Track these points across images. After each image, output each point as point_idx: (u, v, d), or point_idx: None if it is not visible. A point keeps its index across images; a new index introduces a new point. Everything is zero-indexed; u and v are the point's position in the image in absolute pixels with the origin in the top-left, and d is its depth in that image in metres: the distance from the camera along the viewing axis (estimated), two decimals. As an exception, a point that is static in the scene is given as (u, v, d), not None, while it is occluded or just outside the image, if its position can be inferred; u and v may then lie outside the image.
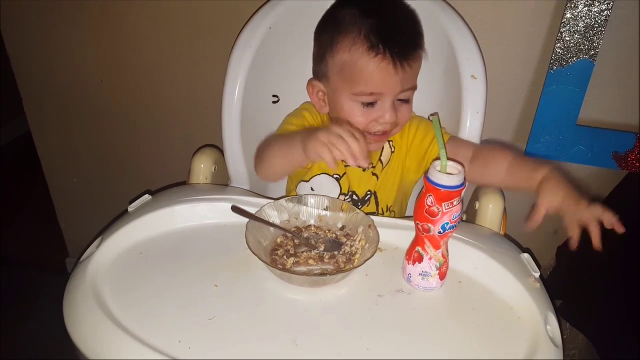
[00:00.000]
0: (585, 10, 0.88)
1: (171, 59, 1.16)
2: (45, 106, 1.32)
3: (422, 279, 0.63)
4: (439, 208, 0.59)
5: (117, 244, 0.67)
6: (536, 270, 0.66)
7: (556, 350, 0.56)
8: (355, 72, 0.73)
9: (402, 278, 0.65)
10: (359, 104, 0.75)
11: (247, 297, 0.60)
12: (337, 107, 0.79)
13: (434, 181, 0.59)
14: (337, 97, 0.78)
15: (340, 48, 0.74)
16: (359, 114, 0.76)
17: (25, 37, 1.23)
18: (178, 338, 0.54)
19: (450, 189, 0.58)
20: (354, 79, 0.73)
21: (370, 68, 0.72)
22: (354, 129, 0.64)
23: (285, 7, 0.87)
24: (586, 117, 0.98)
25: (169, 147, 1.28)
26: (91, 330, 0.55)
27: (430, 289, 0.63)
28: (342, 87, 0.76)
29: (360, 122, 0.76)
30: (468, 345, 0.56)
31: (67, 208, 1.49)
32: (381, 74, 0.72)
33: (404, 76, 0.72)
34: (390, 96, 0.74)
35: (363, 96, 0.74)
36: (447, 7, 0.85)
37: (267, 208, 0.71)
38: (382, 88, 0.73)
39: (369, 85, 0.73)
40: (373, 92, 0.73)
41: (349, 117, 0.76)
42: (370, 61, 0.71)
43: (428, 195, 0.59)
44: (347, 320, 0.58)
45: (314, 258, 0.66)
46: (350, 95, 0.75)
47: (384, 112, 0.75)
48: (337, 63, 0.75)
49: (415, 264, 0.63)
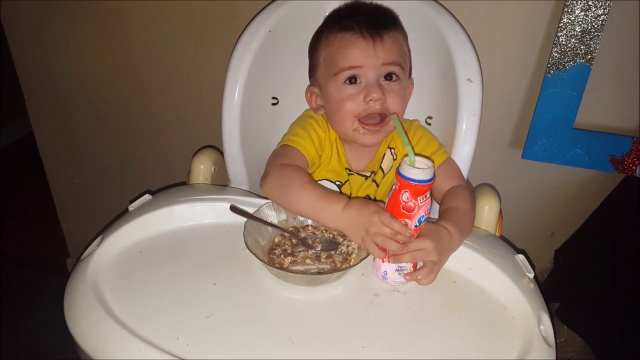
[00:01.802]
0: (582, 14, 0.89)
1: (172, 61, 1.17)
2: (48, 107, 1.33)
3: (399, 274, 0.64)
4: (415, 202, 0.61)
5: (118, 242, 0.68)
6: (530, 271, 0.67)
7: (549, 349, 0.57)
8: (334, 54, 0.78)
9: (376, 276, 0.66)
10: (342, 83, 0.78)
11: (245, 295, 0.61)
12: (327, 99, 0.81)
13: (408, 177, 0.60)
14: (325, 90, 0.80)
15: (321, 46, 0.81)
16: (346, 94, 0.77)
17: (28, 38, 1.24)
18: (176, 335, 0.55)
19: (423, 183, 0.60)
20: (333, 61, 0.78)
21: (344, 45, 0.77)
22: (403, 229, 0.63)
23: (284, 10, 0.88)
24: (583, 120, 0.99)
25: (169, 147, 1.29)
26: (91, 327, 0.56)
27: (406, 283, 0.65)
28: (326, 75, 0.80)
29: (350, 105, 0.77)
30: (462, 344, 0.57)
31: (68, 208, 1.50)
32: (355, 47, 0.76)
33: (379, 47, 0.76)
34: (371, 69, 0.76)
35: (343, 72, 0.77)
36: (444, 11, 0.86)
37: (265, 208, 0.72)
38: (359, 60, 0.76)
39: (346, 60, 0.77)
40: (351, 66, 0.77)
41: (338, 102, 0.78)
42: (343, 38, 0.77)
43: (403, 191, 0.61)
44: (342, 319, 0.59)
45: (311, 257, 0.67)
46: (333, 77, 0.78)
47: (369, 88, 0.76)
48: (321, 59, 0.81)
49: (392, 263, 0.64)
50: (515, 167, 1.09)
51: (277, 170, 0.76)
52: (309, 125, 0.84)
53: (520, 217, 1.14)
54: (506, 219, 0.91)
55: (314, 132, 0.83)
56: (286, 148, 0.81)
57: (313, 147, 0.82)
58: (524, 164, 1.06)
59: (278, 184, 0.74)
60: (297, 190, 0.72)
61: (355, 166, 0.86)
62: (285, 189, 0.73)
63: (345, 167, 0.85)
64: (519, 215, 1.14)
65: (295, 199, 0.72)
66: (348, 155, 0.85)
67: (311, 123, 0.84)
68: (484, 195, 0.84)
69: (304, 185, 0.72)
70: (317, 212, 0.70)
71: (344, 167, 0.85)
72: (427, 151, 0.81)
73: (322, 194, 0.70)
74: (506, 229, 0.90)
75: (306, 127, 0.84)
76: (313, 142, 0.82)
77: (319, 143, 0.83)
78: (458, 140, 0.83)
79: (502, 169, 1.10)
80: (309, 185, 0.72)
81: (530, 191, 1.12)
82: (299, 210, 0.73)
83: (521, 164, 1.07)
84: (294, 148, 0.81)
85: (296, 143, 0.81)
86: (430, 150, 0.82)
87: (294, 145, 0.81)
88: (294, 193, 0.72)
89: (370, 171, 0.85)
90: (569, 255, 1.09)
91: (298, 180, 0.73)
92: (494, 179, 1.05)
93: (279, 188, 0.74)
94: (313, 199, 0.70)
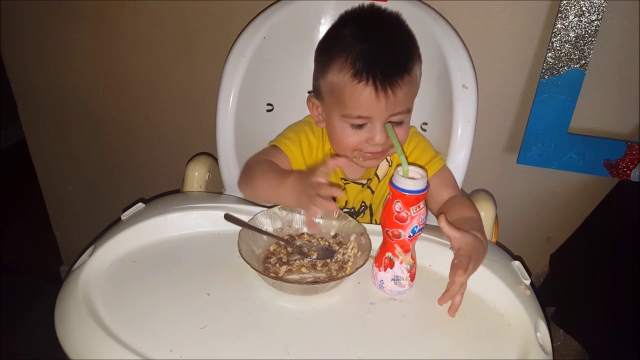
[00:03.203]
0: (576, 20, 0.89)
1: (166, 67, 1.17)
2: (40, 113, 1.32)
3: (395, 284, 0.64)
4: (407, 213, 0.60)
5: (110, 252, 0.67)
6: (527, 278, 0.66)
7: (546, 357, 0.56)
8: (343, 95, 0.73)
9: (373, 285, 0.66)
10: (348, 125, 0.75)
11: (239, 305, 0.60)
12: (330, 126, 0.79)
13: (400, 187, 0.60)
14: (329, 116, 0.78)
15: (330, 71, 0.74)
16: (350, 134, 0.76)
17: (20, 43, 1.23)
18: (170, 347, 0.54)
19: (416, 193, 0.60)
20: (342, 101, 0.74)
21: (355, 94, 0.72)
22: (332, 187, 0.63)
23: (279, 16, 0.88)
24: (577, 125, 0.99)
25: (163, 155, 1.28)
26: (82, 339, 0.55)
27: (402, 292, 0.64)
28: (332, 107, 0.76)
29: (352, 143, 0.76)
30: (459, 352, 0.56)
31: (62, 215, 1.49)
32: (366, 100, 0.72)
33: (391, 101, 0.72)
34: (379, 119, 0.74)
35: (351, 119, 0.74)
36: (439, 17, 0.86)
37: (260, 216, 0.72)
38: (368, 112, 0.73)
39: (356, 109, 0.73)
40: (360, 116, 0.74)
41: (341, 137, 0.77)
42: (355, 87, 0.72)
43: (395, 201, 0.61)
44: (339, 328, 0.58)
45: (307, 266, 0.67)
46: (340, 116, 0.75)
47: (373, 133, 0.74)
48: (327, 84, 0.76)
49: (386, 269, 0.64)
50: (511, 172, 1.09)
51: (248, 167, 0.77)
52: (302, 132, 0.84)
53: (516, 221, 1.14)
54: (502, 224, 0.91)
55: (306, 139, 0.83)
56: (272, 148, 0.81)
57: (300, 153, 0.82)
58: (519, 169, 1.07)
59: (246, 178, 0.75)
60: (258, 179, 0.73)
61: (351, 176, 0.85)
62: (251, 181, 0.74)
63: (341, 177, 0.85)
64: (515, 220, 1.14)
65: (258, 187, 0.73)
66: (343, 167, 0.85)
67: (306, 130, 0.84)
68: (480, 201, 0.84)
69: (265, 172, 0.73)
70: (277, 195, 0.71)
71: (339, 177, 0.85)
72: (422, 159, 0.81)
73: (277, 176, 0.71)
74: (502, 233, 0.90)
75: (299, 132, 0.84)
76: (302, 148, 0.82)
77: (309, 150, 0.83)
78: (453, 146, 0.83)
79: (497, 174, 1.10)
80: (268, 171, 0.73)
81: (525, 196, 1.12)
82: (266, 199, 0.73)
83: (516, 169, 1.07)
84: (279, 149, 0.81)
85: (284, 145, 0.81)
86: (425, 159, 0.81)
87: (281, 146, 0.81)
88: (256, 182, 0.73)
89: (366, 179, 0.85)
90: (564, 259, 1.09)
91: (260, 169, 0.74)
92: (489, 184, 1.05)
93: (247, 182, 0.75)
94: (271, 184, 0.71)
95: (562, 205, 1.11)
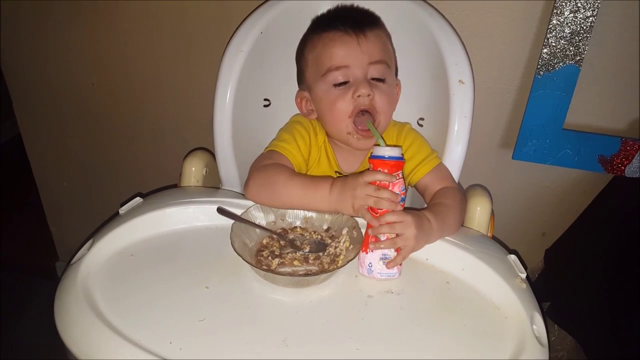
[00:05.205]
0: (571, 16, 0.90)
1: (163, 62, 1.17)
2: (36, 109, 1.32)
3: (383, 263, 0.64)
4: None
5: (108, 246, 0.67)
6: (522, 271, 0.67)
7: (542, 349, 0.57)
8: (320, 55, 0.79)
9: (362, 274, 0.66)
10: (332, 87, 0.78)
11: (238, 298, 0.61)
12: (319, 105, 0.81)
13: (380, 155, 0.66)
14: (315, 92, 0.80)
15: (308, 48, 0.82)
16: (336, 95, 0.78)
17: (15, 39, 1.22)
18: (169, 339, 0.54)
19: (396, 159, 0.65)
20: (319, 61, 0.79)
21: (329, 44, 0.78)
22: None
23: (276, 11, 0.88)
24: (572, 121, 1.00)
25: (160, 150, 1.28)
26: (82, 332, 0.55)
27: (392, 276, 0.65)
28: (315, 77, 0.80)
29: (341, 106, 0.78)
30: (456, 345, 0.57)
31: (57, 211, 1.49)
32: (341, 45, 0.77)
33: (365, 47, 0.77)
34: (358, 68, 0.77)
35: (331, 72, 0.77)
36: (435, 13, 0.86)
37: (253, 209, 0.72)
38: (345, 59, 0.77)
39: (333, 59, 0.77)
40: (339, 66, 0.77)
41: (330, 105, 0.78)
42: (328, 37, 0.78)
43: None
44: (337, 321, 0.59)
45: (299, 259, 0.67)
46: (322, 78, 0.78)
47: (357, 85, 0.76)
48: (308, 62, 0.82)
49: (374, 251, 0.65)
50: (506, 168, 1.10)
51: (259, 172, 0.76)
52: (295, 131, 0.84)
53: (512, 217, 1.15)
54: (497, 219, 0.91)
55: (300, 137, 0.83)
56: (272, 153, 0.82)
57: (299, 152, 0.82)
58: (514, 165, 1.07)
59: (263, 183, 0.74)
60: (283, 184, 0.72)
61: (346, 169, 0.86)
62: (271, 187, 0.73)
63: (336, 170, 0.85)
64: (510, 216, 1.15)
65: (282, 193, 0.72)
66: (338, 159, 0.86)
67: (297, 128, 0.85)
68: (476, 196, 0.84)
69: (290, 178, 0.73)
70: (307, 200, 0.71)
71: (334, 170, 0.85)
72: (418, 157, 0.82)
73: (308, 182, 0.72)
74: (497, 228, 0.91)
75: (292, 132, 0.84)
76: (299, 147, 0.82)
77: (305, 148, 0.84)
78: (450, 142, 0.83)
79: (493, 170, 1.11)
80: (294, 176, 0.74)
81: (520, 191, 1.13)
82: (289, 204, 0.73)
83: (512, 165, 1.07)
84: (279, 153, 0.81)
85: (282, 148, 0.81)
86: (421, 156, 0.82)
87: (280, 150, 0.81)
88: (280, 188, 0.72)
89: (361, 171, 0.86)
90: (559, 254, 1.10)
91: (282, 175, 0.73)
92: (485, 180, 1.05)
93: (265, 187, 0.74)
94: (301, 189, 0.71)
95: (557, 200, 1.11)
